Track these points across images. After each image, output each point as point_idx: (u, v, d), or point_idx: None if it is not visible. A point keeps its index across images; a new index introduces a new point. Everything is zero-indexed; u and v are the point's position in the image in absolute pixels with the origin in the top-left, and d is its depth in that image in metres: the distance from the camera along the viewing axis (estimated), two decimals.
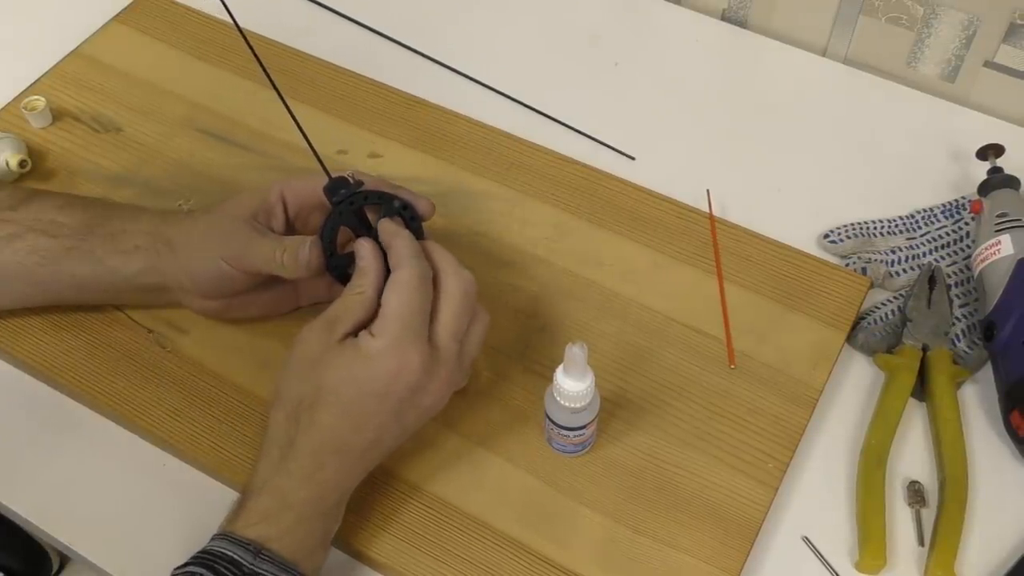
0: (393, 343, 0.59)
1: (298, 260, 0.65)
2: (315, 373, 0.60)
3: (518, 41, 0.95)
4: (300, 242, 0.65)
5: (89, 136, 0.86)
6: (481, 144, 0.85)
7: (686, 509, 0.66)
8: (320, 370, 0.60)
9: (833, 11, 0.91)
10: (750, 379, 0.71)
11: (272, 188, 0.69)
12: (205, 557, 0.56)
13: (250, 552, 0.56)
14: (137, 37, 0.94)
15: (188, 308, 0.73)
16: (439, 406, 0.63)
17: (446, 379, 0.62)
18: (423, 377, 0.60)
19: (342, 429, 0.60)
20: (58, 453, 0.70)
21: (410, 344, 0.59)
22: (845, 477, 0.69)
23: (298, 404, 0.60)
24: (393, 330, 0.59)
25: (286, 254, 0.65)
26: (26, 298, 0.73)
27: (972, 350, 0.73)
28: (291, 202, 0.69)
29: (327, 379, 0.60)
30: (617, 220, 0.80)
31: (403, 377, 0.60)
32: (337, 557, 0.66)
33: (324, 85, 0.89)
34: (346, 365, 0.60)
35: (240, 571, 0.55)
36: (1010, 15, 0.83)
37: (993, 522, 0.67)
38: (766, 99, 0.90)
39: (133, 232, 0.70)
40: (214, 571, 0.55)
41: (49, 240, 0.69)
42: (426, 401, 0.62)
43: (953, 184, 0.83)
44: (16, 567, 1.27)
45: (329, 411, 0.60)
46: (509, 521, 0.65)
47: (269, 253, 0.66)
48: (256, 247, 0.67)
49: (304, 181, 0.69)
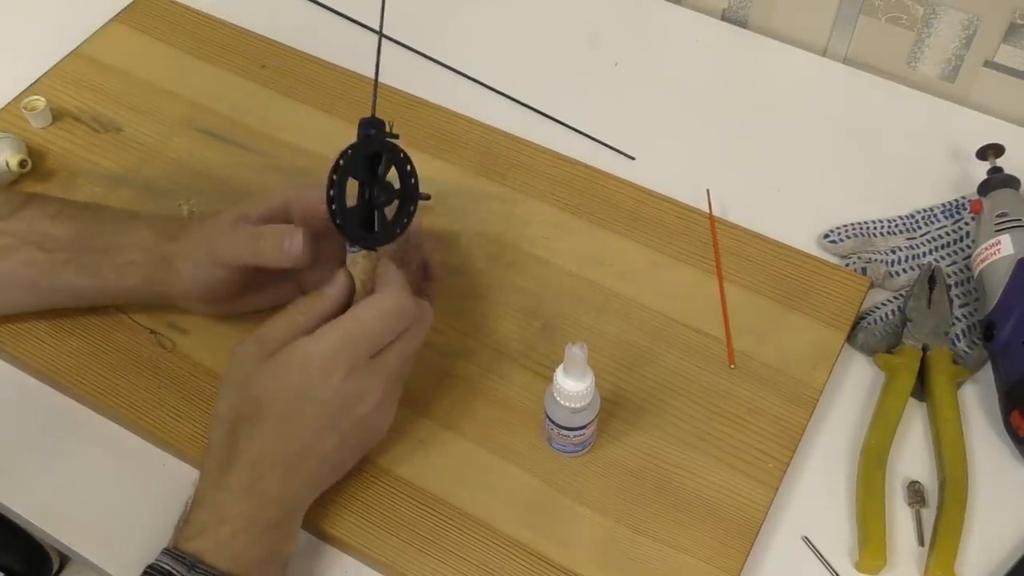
0: (329, 350, 0.59)
1: (284, 251, 0.64)
2: (250, 386, 0.60)
3: (518, 41, 0.95)
4: (285, 231, 0.65)
5: (89, 136, 0.86)
6: (481, 144, 0.85)
7: (686, 509, 0.66)
8: (255, 382, 0.60)
9: (833, 11, 0.91)
10: (750, 379, 0.71)
11: (275, 197, 0.69)
12: (147, 571, 0.57)
13: (185, 565, 0.56)
14: (137, 37, 0.94)
15: (194, 312, 0.73)
16: (378, 419, 0.63)
17: (381, 389, 0.62)
18: (354, 383, 0.60)
19: (279, 438, 0.60)
20: (59, 453, 0.70)
21: (346, 356, 0.60)
22: (845, 477, 0.69)
23: (236, 419, 0.61)
24: (334, 338, 0.60)
25: (268, 242, 0.65)
26: (26, 305, 0.73)
27: (972, 350, 0.73)
28: (297, 213, 0.68)
29: (263, 389, 0.60)
30: (617, 220, 0.80)
31: (332, 382, 0.59)
32: (337, 557, 0.66)
33: (324, 85, 0.89)
34: (280, 373, 0.60)
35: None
36: (1010, 15, 0.83)
37: (993, 522, 0.67)
38: (766, 99, 0.90)
39: (127, 247, 0.69)
40: None
41: (44, 253, 0.69)
42: (361, 409, 0.61)
43: (953, 184, 0.83)
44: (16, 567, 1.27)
45: (266, 421, 0.60)
46: (509, 521, 0.65)
47: (253, 244, 0.66)
48: (239, 240, 0.66)
49: (313, 193, 0.67)
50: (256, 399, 0.60)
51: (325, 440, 0.61)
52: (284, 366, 0.60)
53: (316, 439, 0.61)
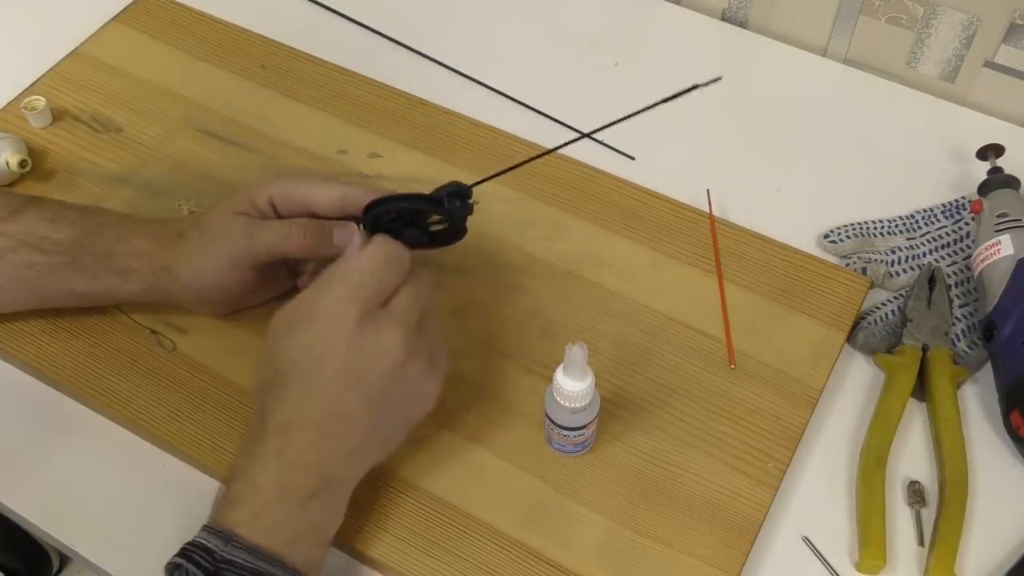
0: (332, 300, 0.60)
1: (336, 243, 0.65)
2: (275, 355, 0.61)
3: (518, 41, 0.95)
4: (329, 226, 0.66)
5: (89, 136, 0.86)
6: (481, 144, 0.85)
7: (686, 509, 0.66)
8: (279, 350, 0.61)
9: (833, 11, 0.91)
10: (750, 379, 0.71)
11: (259, 190, 0.68)
12: (185, 548, 0.56)
13: (221, 539, 0.56)
14: (137, 37, 0.94)
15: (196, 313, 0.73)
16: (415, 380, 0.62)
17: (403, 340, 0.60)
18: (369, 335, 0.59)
19: (303, 400, 0.59)
20: (58, 453, 0.70)
21: (349, 303, 0.59)
22: (845, 477, 0.69)
23: (263, 388, 0.61)
24: (334, 288, 0.60)
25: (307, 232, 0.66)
26: (27, 305, 0.73)
27: (972, 350, 0.73)
28: (280, 205, 0.68)
29: (285, 355, 0.60)
30: (617, 220, 0.80)
31: (344, 333, 0.59)
32: (336, 557, 0.66)
33: (324, 85, 0.89)
34: (296, 336, 0.60)
35: (212, 558, 0.55)
36: (1010, 15, 0.83)
37: (993, 522, 0.67)
38: (766, 99, 0.90)
39: (125, 254, 0.69)
40: (191, 560, 0.55)
41: (43, 256, 0.69)
42: (384, 362, 0.60)
43: (953, 184, 0.83)
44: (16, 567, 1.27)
45: (289, 384, 0.60)
46: (509, 521, 0.65)
47: (281, 233, 0.66)
48: (262, 231, 0.67)
49: (293, 186, 0.68)
50: (278, 364, 0.60)
51: (351, 400, 0.60)
52: (300, 328, 0.60)
53: (341, 400, 0.59)
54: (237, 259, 0.68)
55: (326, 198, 0.67)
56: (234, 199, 0.69)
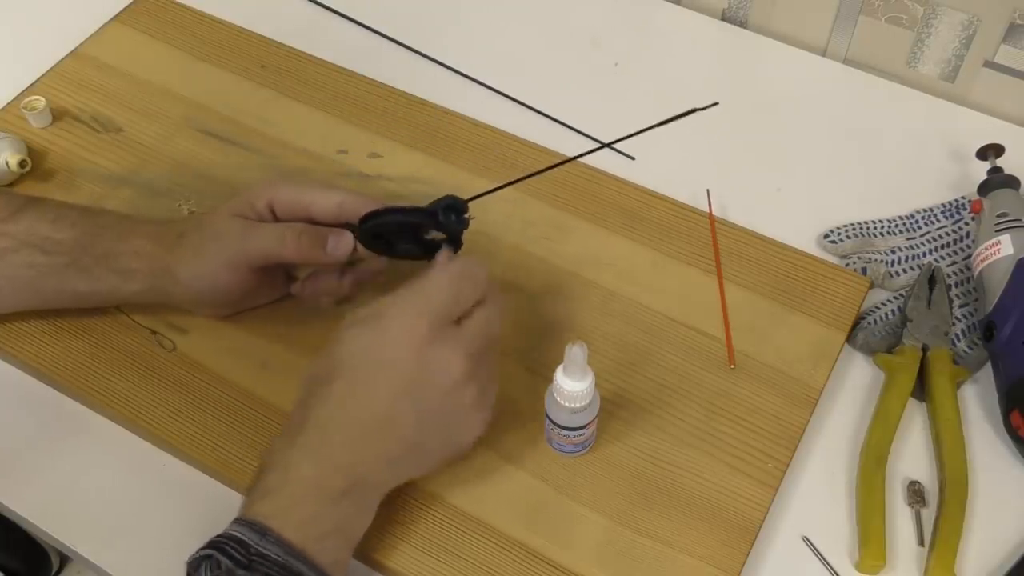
0: (406, 308, 0.59)
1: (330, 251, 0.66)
2: (334, 349, 0.60)
3: (518, 41, 0.95)
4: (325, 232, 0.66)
5: (89, 136, 0.86)
6: (481, 144, 0.85)
7: (686, 509, 0.66)
8: (338, 345, 0.60)
9: (833, 11, 0.91)
10: (750, 379, 0.71)
11: (259, 193, 0.69)
12: (217, 540, 0.56)
13: (256, 532, 0.55)
14: (137, 37, 0.94)
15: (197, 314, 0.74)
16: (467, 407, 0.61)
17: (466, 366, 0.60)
18: (434, 350, 0.59)
19: (349, 398, 0.59)
20: (58, 453, 0.70)
21: (421, 314, 0.59)
22: (845, 477, 0.69)
23: (313, 380, 0.60)
24: (409, 297, 0.60)
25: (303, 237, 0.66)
26: (28, 306, 0.73)
27: (972, 350, 0.73)
28: (280, 210, 0.69)
29: (342, 351, 0.60)
30: (617, 220, 0.80)
31: (410, 343, 0.59)
32: None
33: (324, 85, 0.89)
34: (359, 335, 0.60)
35: (247, 551, 0.54)
36: (1010, 15, 0.83)
37: (993, 522, 0.67)
38: (766, 99, 0.90)
39: (126, 254, 0.69)
40: (223, 552, 0.54)
41: (44, 256, 0.69)
42: (442, 381, 0.59)
43: (953, 184, 0.83)
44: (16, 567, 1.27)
45: (340, 382, 0.59)
46: (509, 521, 0.65)
47: (276, 238, 0.66)
48: (258, 234, 0.67)
49: (294, 191, 0.69)
50: (334, 360, 0.60)
51: (401, 409, 0.59)
52: (364, 327, 0.60)
53: (390, 407, 0.59)
54: (233, 261, 0.68)
55: (324, 204, 0.68)
56: (234, 202, 0.69)
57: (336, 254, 0.66)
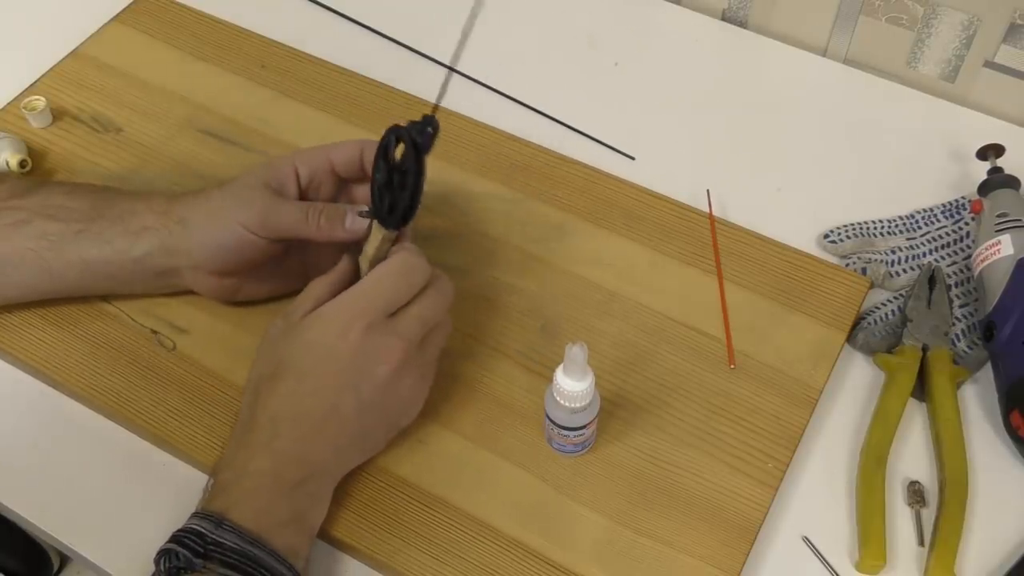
0: (345, 306, 0.62)
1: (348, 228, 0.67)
2: (276, 349, 0.63)
3: (518, 41, 0.95)
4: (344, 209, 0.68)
5: (89, 136, 0.86)
6: (482, 144, 0.85)
7: (686, 509, 0.66)
8: (280, 345, 0.63)
9: (833, 11, 0.91)
10: (750, 379, 0.71)
11: (284, 160, 0.70)
12: (177, 533, 0.58)
13: (212, 522, 0.57)
14: (137, 37, 0.94)
15: (198, 291, 0.73)
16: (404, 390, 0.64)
17: (400, 349, 0.62)
18: (371, 344, 0.62)
19: (297, 395, 0.62)
20: (58, 453, 0.70)
21: (362, 311, 0.62)
22: (845, 477, 0.69)
23: (259, 380, 0.63)
24: (350, 297, 0.63)
25: (323, 216, 0.68)
26: (33, 286, 0.72)
27: (972, 350, 0.73)
28: (303, 172, 0.70)
29: (286, 350, 0.63)
30: (617, 220, 0.80)
31: (350, 338, 0.61)
32: (335, 556, 0.66)
33: (324, 85, 0.89)
34: (301, 333, 0.63)
35: (203, 540, 0.56)
36: (1010, 15, 0.83)
37: (993, 522, 0.67)
38: (766, 99, 0.90)
39: (142, 212, 0.70)
40: (182, 544, 0.56)
41: (57, 224, 0.69)
42: (380, 370, 0.62)
43: (953, 184, 0.83)
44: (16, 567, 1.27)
45: (285, 378, 0.62)
46: (509, 521, 0.65)
47: (300, 215, 0.68)
48: (283, 209, 0.68)
49: (315, 151, 0.71)
50: (278, 359, 0.63)
51: (344, 399, 0.62)
52: (306, 327, 0.63)
53: (335, 397, 0.62)
54: (251, 224, 0.68)
55: (347, 152, 0.70)
56: (264, 170, 0.70)
57: (354, 228, 0.68)
